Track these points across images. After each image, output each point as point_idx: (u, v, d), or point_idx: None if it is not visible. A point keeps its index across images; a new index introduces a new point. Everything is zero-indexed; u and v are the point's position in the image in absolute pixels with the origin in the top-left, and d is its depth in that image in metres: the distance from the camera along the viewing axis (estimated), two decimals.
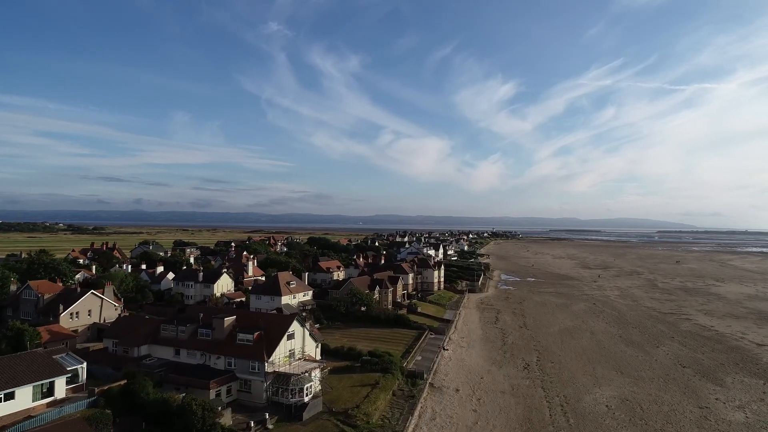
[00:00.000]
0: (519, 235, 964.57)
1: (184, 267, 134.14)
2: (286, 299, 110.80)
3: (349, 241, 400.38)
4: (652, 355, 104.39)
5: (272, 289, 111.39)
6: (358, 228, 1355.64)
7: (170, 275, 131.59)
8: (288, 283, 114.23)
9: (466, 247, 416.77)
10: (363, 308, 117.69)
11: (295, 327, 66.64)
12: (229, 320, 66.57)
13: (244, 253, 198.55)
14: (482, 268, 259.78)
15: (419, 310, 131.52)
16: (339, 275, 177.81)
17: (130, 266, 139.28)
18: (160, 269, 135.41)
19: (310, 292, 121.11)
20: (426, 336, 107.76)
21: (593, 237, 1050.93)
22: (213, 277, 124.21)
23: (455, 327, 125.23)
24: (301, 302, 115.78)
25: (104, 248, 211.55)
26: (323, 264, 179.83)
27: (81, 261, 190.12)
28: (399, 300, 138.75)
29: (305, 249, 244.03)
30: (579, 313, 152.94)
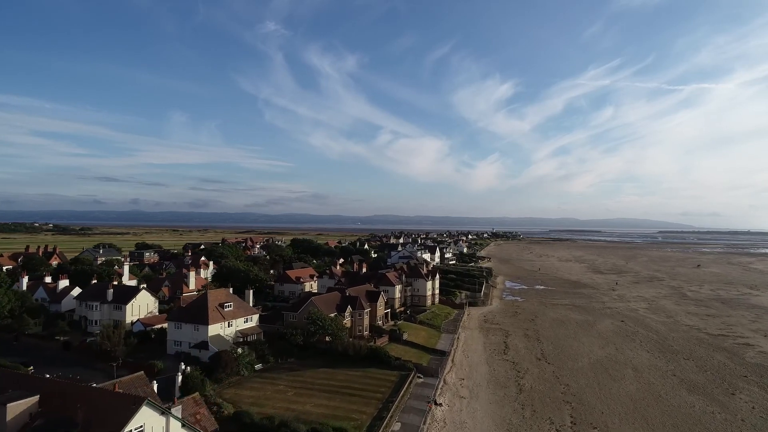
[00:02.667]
0: (520, 235, 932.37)
1: (94, 281, 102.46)
2: (216, 329, 79.49)
3: (339, 242, 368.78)
4: (732, 410, 73.21)
5: (197, 314, 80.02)
6: (356, 228, 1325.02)
7: (75, 291, 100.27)
8: (222, 306, 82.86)
9: (465, 249, 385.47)
10: (327, 338, 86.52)
11: (144, 418, 35.31)
12: (17, 406, 35.14)
13: (202, 259, 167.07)
14: (484, 274, 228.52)
15: (405, 336, 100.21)
16: (312, 286, 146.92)
17: (26, 278, 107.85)
18: (63, 283, 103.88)
19: (255, 317, 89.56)
20: (411, 380, 76.51)
21: (595, 238, 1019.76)
22: (126, 295, 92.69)
23: (452, 361, 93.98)
24: (240, 331, 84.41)
25: (40, 252, 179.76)
26: (293, 273, 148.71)
27: (8, 268, 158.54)
28: (380, 322, 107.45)
29: (278, 254, 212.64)
30: (608, 335, 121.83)
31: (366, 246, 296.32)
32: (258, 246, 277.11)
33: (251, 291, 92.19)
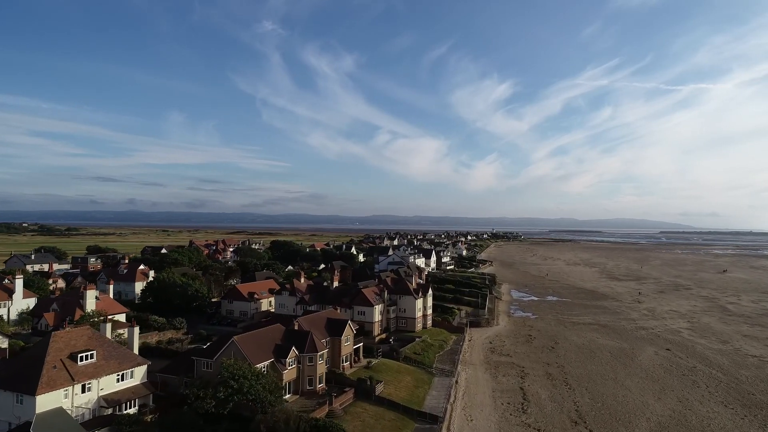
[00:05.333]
0: (521, 236, 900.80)
1: None
2: (53, 399, 47.77)
3: (327, 244, 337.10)
4: None
5: (24, 374, 48.46)
6: (354, 228, 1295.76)
7: None
8: (74, 357, 51.28)
9: (464, 252, 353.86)
10: (250, 401, 54.96)
11: None
12: None
13: (140, 268, 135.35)
14: (487, 282, 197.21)
15: (380, 390, 68.61)
16: (270, 303, 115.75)
17: None
18: None
19: (141, 370, 57.54)
20: None
21: (598, 238, 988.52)
22: None
23: (448, 430, 62.69)
24: (108, 397, 52.77)
25: None
26: (247, 286, 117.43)
27: None
28: (345, 365, 75.94)
29: (249, 258, 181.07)
30: (658, 375, 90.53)
31: (353, 249, 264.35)
32: (231, 249, 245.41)
33: (136, 328, 60.37)
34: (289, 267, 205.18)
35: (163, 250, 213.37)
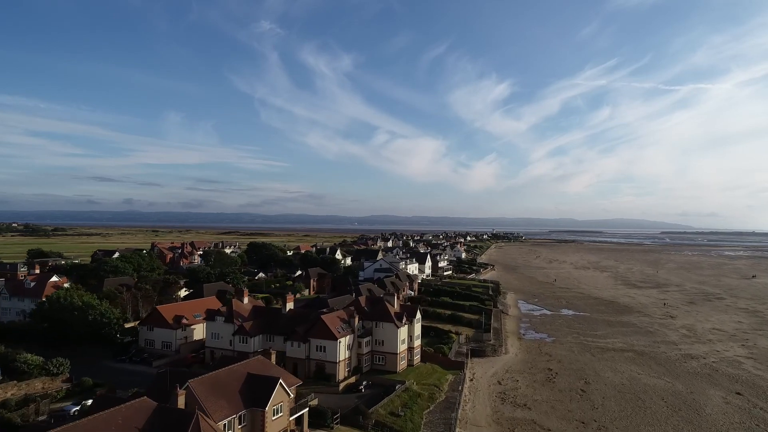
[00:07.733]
0: (522, 236, 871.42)
1: None
2: None
3: (313, 246, 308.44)
4: None
5: None
6: (352, 228, 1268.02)
7: None
8: None
9: (463, 255, 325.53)
10: None
11: None
12: None
13: (52, 280, 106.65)
14: (490, 292, 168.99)
15: None
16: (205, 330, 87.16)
17: None
18: None
19: None
20: None
21: (600, 239, 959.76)
22: None
23: None
24: None
25: None
26: (172, 308, 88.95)
27: None
28: None
29: (192, 269, 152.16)
30: None
31: (337, 253, 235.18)
32: (199, 253, 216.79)
33: None
34: (261, 275, 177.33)
35: (116, 254, 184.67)
